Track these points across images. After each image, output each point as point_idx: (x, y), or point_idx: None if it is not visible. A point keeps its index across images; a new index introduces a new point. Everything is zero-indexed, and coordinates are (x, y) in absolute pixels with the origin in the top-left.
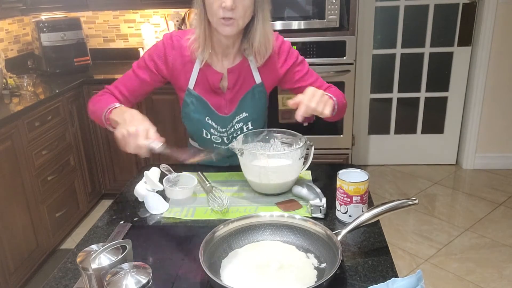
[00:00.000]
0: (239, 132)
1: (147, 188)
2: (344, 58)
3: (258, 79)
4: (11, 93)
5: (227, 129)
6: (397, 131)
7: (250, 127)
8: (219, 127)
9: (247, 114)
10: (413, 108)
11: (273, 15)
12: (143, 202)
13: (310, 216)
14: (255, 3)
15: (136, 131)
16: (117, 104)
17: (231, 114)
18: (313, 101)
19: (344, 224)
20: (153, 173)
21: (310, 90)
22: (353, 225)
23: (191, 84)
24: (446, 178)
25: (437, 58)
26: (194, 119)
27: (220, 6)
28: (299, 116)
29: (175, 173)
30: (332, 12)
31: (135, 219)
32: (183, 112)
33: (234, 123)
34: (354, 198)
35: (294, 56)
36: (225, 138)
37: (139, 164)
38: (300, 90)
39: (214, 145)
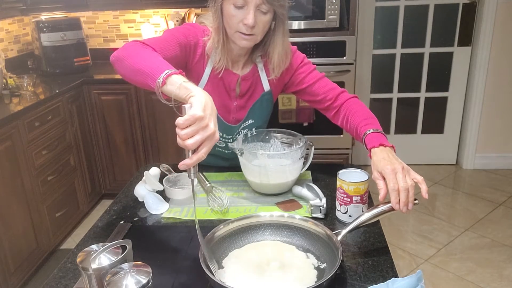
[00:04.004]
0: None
1: (147, 188)
2: (344, 58)
3: (267, 86)
4: (11, 93)
5: (233, 136)
6: (397, 131)
7: (254, 133)
8: (224, 134)
9: (253, 121)
10: (413, 108)
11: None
12: (143, 202)
13: (310, 216)
14: (275, 18)
15: (216, 133)
16: (176, 70)
17: (238, 124)
18: (399, 183)
19: (344, 224)
20: (153, 173)
21: (387, 175)
22: (353, 225)
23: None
24: (446, 178)
25: (437, 58)
26: None
27: (241, 21)
28: (399, 206)
29: (175, 173)
30: (332, 12)
31: (135, 219)
32: None
33: (239, 130)
34: (354, 198)
35: (299, 59)
36: (229, 144)
37: (139, 164)
38: (301, 92)
39: (217, 148)
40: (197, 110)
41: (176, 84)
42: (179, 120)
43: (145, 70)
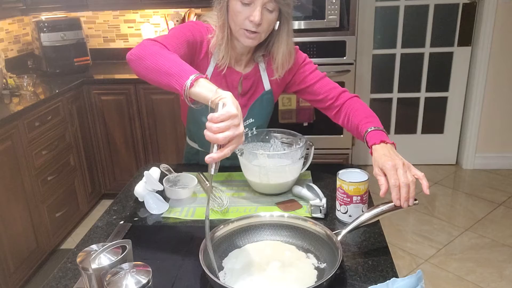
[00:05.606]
0: None
1: (147, 188)
2: (344, 58)
3: (267, 86)
4: (11, 93)
5: None
6: (397, 131)
7: (255, 133)
8: None
9: (253, 120)
10: (413, 108)
11: None
12: (143, 202)
13: (310, 216)
14: (280, 17)
15: (243, 136)
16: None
17: None
18: (400, 179)
19: (344, 224)
20: (153, 173)
21: (388, 171)
22: (353, 225)
23: None
24: (446, 178)
25: (437, 58)
26: (203, 123)
27: (247, 18)
28: (401, 203)
29: (175, 173)
30: (332, 12)
31: (135, 219)
32: (189, 114)
33: None
34: (354, 198)
35: (301, 59)
36: None
37: (139, 164)
38: (302, 92)
39: None
40: (232, 108)
41: (206, 87)
42: (214, 115)
43: (170, 71)
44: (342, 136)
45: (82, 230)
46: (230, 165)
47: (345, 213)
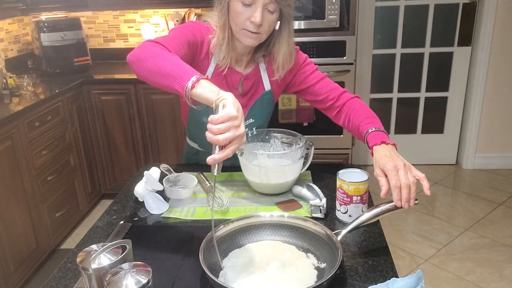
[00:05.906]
0: None
1: (147, 188)
2: (344, 58)
3: (267, 86)
4: (11, 93)
5: None
6: (397, 131)
7: (255, 133)
8: None
9: (253, 120)
10: (413, 108)
11: None
12: (143, 202)
13: (310, 216)
14: (281, 18)
15: (244, 136)
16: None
17: None
18: (401, 180)
19: (344, 224)
20: (153, 173)
21: (389, 172)
22: (353, 225)
23: None
24: (446, 178)
25: (437, 58)
26: (203, 123)
27: (248, 19)
28: (402, 203)
29: (175, 173)
30: (332, 12)
31: (135, 219)
32: (189, 114)
33: None
34: (354, 198)
35: (302, 59)
36: None
37: (139, 164)
38: (303, 92)
39: None
40: (232, 110)
41: (207, 88)
42: (214, 116)
43: (171, 73)
44: (342, 136)
45: (82, 230)
46: (230, 165)
47: (345, 213)
